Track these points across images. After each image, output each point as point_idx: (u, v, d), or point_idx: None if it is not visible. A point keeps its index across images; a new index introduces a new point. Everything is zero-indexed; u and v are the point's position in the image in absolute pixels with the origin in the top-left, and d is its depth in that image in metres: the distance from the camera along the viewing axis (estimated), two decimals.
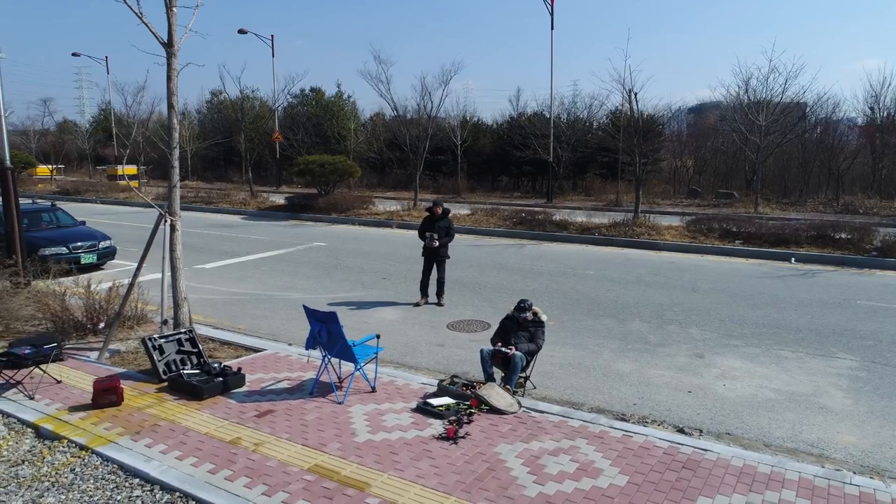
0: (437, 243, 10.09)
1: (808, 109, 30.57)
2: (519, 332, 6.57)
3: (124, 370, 6.70)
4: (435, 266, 10.29)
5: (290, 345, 8.10)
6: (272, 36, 35.59)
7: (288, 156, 38.65)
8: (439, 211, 10.32)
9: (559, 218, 18.00)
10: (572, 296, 10.77)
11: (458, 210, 21.90)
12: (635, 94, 17.86)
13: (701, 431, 5.64)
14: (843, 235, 14.40)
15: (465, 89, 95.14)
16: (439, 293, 10.30)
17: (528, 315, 6.54)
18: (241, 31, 34.33)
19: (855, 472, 4.77)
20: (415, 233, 10.99)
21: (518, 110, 40.35)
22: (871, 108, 31.95)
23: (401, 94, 45.62)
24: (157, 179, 44.23)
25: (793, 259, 13.80)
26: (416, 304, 10.24)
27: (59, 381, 6.32)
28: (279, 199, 25.33)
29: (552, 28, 27.71)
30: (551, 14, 27.52)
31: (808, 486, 4.43)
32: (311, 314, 5.92)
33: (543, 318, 6.66)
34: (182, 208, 7.58)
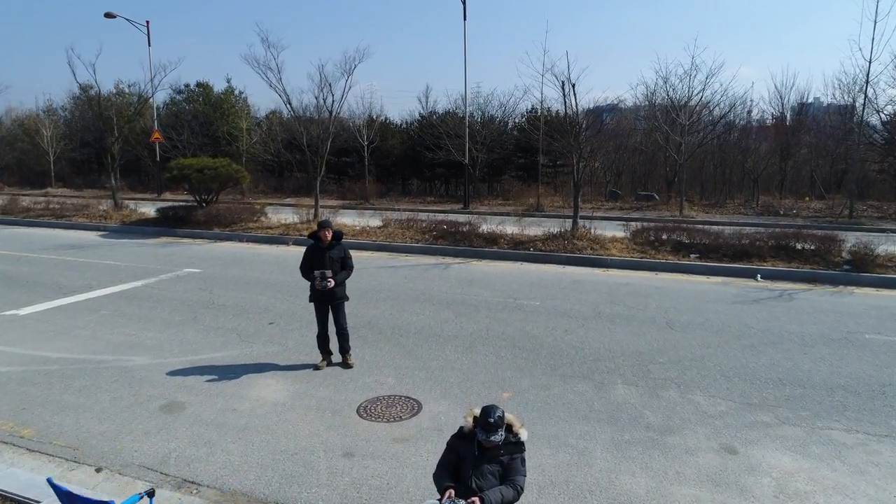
0: (333, 283, 7.13)
1: (725, 110, 29.98)
2: (484, 463, 3.82)
3: None
4: (331, 313, 7.34)
5: (98, 471, 4.96)
6: (147, 22, 30.93)
7: (172, 158, 34.05)
8: (328, 236, 7.20)
9: (487, 230, 15.39)
10: (524, 343, 8.16)
11: (369, 220, 18.91)
12: (573, 86, 15.49)
13: None
14: (808, 246, 12.76)
15: (370, 90, 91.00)
16: (343, 349, 7.37)
17: (500, 436, 3.80)
18: (109, 15, 29.44)
19: None
20: None
21: (428, 109, 37.86)
22: (778, 109, 32.17)
23: (297, 86, 41.40)
24: (14, 186, 37.96)
25: (759, 276, 11.95)
26: (316, 368, 7.26)
27: None
28: (150, 211, 21.10)
29: (465, 18, 25.35)
30: (463, 2, 25.13)
31: None
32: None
33: (523, 435, 3.94)
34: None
